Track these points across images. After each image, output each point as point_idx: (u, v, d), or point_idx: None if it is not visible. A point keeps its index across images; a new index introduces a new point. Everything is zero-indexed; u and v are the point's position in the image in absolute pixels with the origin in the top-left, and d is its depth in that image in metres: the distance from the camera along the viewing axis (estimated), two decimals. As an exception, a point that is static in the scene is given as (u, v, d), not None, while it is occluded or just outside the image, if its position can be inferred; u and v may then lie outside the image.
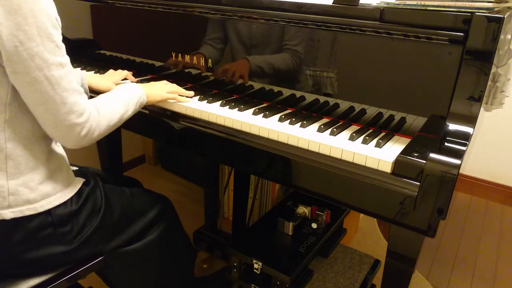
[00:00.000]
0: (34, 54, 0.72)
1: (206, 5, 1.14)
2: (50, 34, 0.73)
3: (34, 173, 0.84)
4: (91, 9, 1.42)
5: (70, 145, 0.84)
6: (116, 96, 0.95)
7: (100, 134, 0.86)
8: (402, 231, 0.83)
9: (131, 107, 0.96)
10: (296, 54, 1.02)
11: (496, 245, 2.01)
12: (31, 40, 0.71)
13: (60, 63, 0.76)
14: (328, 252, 1.53)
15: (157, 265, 1.09)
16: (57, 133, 0.81)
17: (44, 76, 0.74)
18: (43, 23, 0.72)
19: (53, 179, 0.88)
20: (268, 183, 1.70)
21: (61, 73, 0.76)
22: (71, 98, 0.78)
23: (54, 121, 0.78)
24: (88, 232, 0.94)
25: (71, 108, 0.78)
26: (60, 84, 0.76)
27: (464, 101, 0.82)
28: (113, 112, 0.90)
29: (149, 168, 2.58)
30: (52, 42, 0.74)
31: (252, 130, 0.97)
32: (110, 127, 0.89)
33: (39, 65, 0.73)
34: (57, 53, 0.75)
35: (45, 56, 0.73)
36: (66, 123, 0.79)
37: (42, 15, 0.72)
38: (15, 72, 0.73)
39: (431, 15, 0.83)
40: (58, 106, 0.77)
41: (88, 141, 0.84)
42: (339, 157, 0.85)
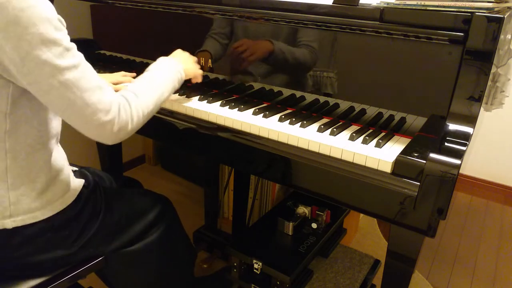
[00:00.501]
0: (43, 62, 0.69)
1: (206, 5, 1.14)
2: (55, 38, 0.70)
3: (35, 182, 0.83)
4: (91, 9, 1.42)
5: (109, 143, 0.81)
6: (152, 79, 0.91)
7: (135, 127, 0.83)
8: (402, 231, 0.83)
9: (169, 87, 0.93)
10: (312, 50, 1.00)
11: (496, 245, 2.01)
12: (37, 48, 0.68)
13: (73, 65, 0.72)
14: (328, 252, 1.53)
15: (157, 265, 1.09)
16: (91, 134, 0.78)
17: (58, 82, 0.71)
18: (46, 29, 0.69)
19: (54, 186, 0.87)
20: (268, 183, 1.70)
21: (76, 74, 0.73)
22: (93, 97, 0.75)
23: (83, 123, 0.76)
24: (88, 235, 0.94)
25: (96, 107, 0.75)
26: (79, 86, 0.73)
27: (464, 101, 0.82)
28: (148, 99, 0.86)
29: (149, 168, 2.58)
30: (59, 46, 0.71)
31: (252, 130, 0.97)
32: (145, 116, 0.86)
33: (50, 72, 0.70)
34: (67, 55, 0.72)
35: (55, 62, 0.70)
36: (95, 123, 0.76)
37: (43, 21, 0.68)
38: (29, 84, 0.71)
39: (431, 15, 0.83)
40: (82, 108, 0.74)
41: (124, 135, 0.82)
42: (339, 157, 0.85)
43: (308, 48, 1.00)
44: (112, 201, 1.00)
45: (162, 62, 0.98)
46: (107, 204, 0.98)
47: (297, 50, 1.03)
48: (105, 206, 0.97)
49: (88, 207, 0.94)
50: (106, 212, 0.97)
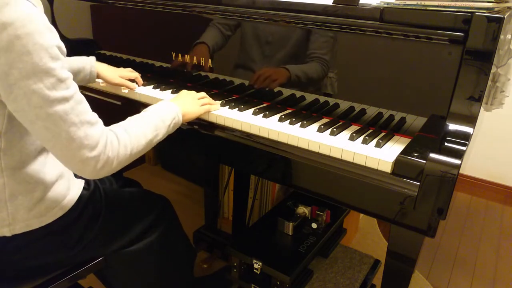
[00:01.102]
0: (32, 92, 0.65)
1: (206, 5, 1.14)
2: (49, 69, 0.66)
3: (33, 192, 0.83)
4: (91, 9, 1.42)
5: (89, 177, 0.77)
6: (145, 119, 0.87)
7: (119, 164, 0.79)
8: (402, 231, 0.83)
9: (162, 129, 0.88)
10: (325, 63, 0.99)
11: (496, 245, 2.01)
12: (27, 78, 0.65)
13: (63, 97, 0.69)
14: (328, 252, 1.53)
15: (157, 265, 1.09)
16: (72, 167, 0.76)
17: (45, 113, 0.67)
18: (40, 58, 0.65)
19: (52, 193, 0.85)
20: (268, 183, 1.70)
21: (66, 107, 0.69)
22: (80, 132, 0.71)
23: (65, 157, 0.73)
24: (88, 238, 0.93)
25: (81, 142, 0.71)
26: (66, 120, 0.69)
27: (464, 101, 0.82)
28: (139, 137, 0.83)
29: (149, 168, 2.58)
30: (52, 76, 0.67)
31: (252, 130, 0.97)
32: (133, 155, 0.82)
33: (38, 103, 0.66)
34: (59, 87, 0.68)
35: (45, 93, 0.66)
36: (78, 158, 0.72)
37: (38, 50, 0.64)
38: (16, 111, 0.69)
39: (431, 15, 0.83)
40: (66, 142, 0.70)
41: (106, 172, 0.78)
42: (339, 157, 0.85)
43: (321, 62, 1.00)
44: (112, 202, 1.00)
45: (161, 105, 0.93)
46: (107, 205, 0.98)
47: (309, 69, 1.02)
48: (105, 208, 0.97)
49: (88, 210, 0.94)
50: (106, 213, 0.97)
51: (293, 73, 1.05)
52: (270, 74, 1.08)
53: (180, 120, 0.95)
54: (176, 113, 0.93)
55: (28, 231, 0.84)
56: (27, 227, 0.83)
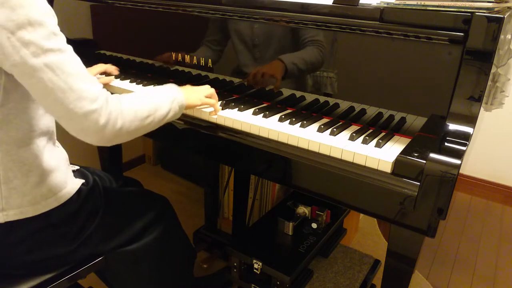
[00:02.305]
0: (27, 41, 0.68)
1: (206, 5, 1.14)
2: (42, 21, 0.69)
3: (28, 176, 0.83)
4: (91, 9, 1.42)
5: (95, 140, 0.76)
6: (144, 91, 0.90)
7: (126, 126, 0.78)
8: (402, 231, 0.83)
9: (164, 104, 0.89)
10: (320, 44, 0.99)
11: (496, 245, 2.01)
12: (22, 28, 0.67)
13: (59, 48, 0.71)
14: (328, 252, 1.53)
15: (156, 265, 1.09)
16: (74, 125, 0.74)
17: (42, 62, 0.69)
18: (33, 11, 0.68)
19: (49, 181, 0.86)
20: (268, 183, 1.70)
21: (62, 58, 0.71)
22: (79, 83, 0.72)
23: (66, 112, 0.72)
24: (87, 233, 0.94)
25: (81, 94, 0.71)
26: (63, 70, 0.70)
27: (464, 101, 0.82)
28: (139, 103, 0.83)
29: (149, 168, 2.58)
30: (46, 28, 0.69)
31: (252, 130, 0.97)
32: (139, 120, 0.81)
33: (34, 52, 0.68)
34: (53, 39, 0.70)
35: (40, 43, 0.69)
36: (79, 111, 0.72)
37: (31, 4, 0.68)
38: (13, 65, 0.70)
39: (431, 15, 0.83)
40: (65, 93, 0.70)
41: (112, 134, 0.76)
42: (339, 157, 0.85)
43: (316, 44, 0.99)
44: (111, 200, 1.00)
45: (163, 85, 0.96)
46: (106, 203, 0.98)
47: (305, 53, 1.02)
48: (104, 205, 0.98)
49: (87, 206, 0.94)
50: (105, 210, 0.97)
51: (288, 63, 1.04)
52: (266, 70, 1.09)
53: (183, 100, 0.95)
54: (176, 92, 0.94)
55: (27, 221, 0.84)
56: (21, 214, 0.83)
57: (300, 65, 1.03)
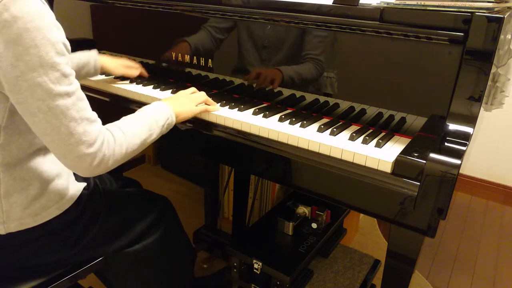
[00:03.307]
0: (36, 85, 0.67)
1: (206, 5, 1.14)
2: (54, 63, 0.68)
3: (28, 190, 0.83)
4: (91, 9, 1.42)
5: (84, 174, 0.78)
6: (139, 119, 0.88)
7: (115, 163, 0.80)
8: (402, 231, 0.83)
9: (156, 130, 0.90)
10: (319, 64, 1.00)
11: (496, 245, 2.01)
12: (33, 70, 0.67)
13: (66, 92, 0.71)
14: (328, 252, 1.53)
15: (157, 265, 1.09)
16: (67, 162, 0.76)
17: (47, 106, 0.69)
18: (47, 52, 0.67)
19: (49, 191, 0.85)
20: (268, 183, 1.70)
21: (67, 102, 0.71)
22: (80, 128, 0.72)
23: (62, 151, 0.73)
24: (88, 238, 0.93)
25: (80, 138, 0.72)
26: (67, 114, 0.71)
27: (464, 101, 0.82)
28: (133, 137, 0.84)
29: (149, 168, 2.58)
30: (57, 71, 0.69)
31: (252, 130, 0.97)
32: (128, 154, 0.83)
33: (41, 96, 0.68)
34: (63, 82, 0.70)
35: (49, 87, 0.68)
36: (75, 153, 0.73)
37: (46, 44, 0.67)
38: (18, 103, 0.70)
39: (431, 15, 0.83)
40: (64, 137, 0.71)
41: (102, 170, 0.78)
42: (339, 157, 0.85)
43: (315, 63, 1.00)
44: (112, 202, 1.00)
45: (155, 106, 0.94)
46: (107, 206, 0.98)
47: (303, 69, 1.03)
48: (105, 208, 0.97)
49: (88, 210, 0.94)
50: (106, 214, 0.97)
51: (286, 75, 1.05)
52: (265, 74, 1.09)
53: (173, 121, 0.95)
54: (169, 114, 0.94)
55: (28, 230, 0.84)
56: (22, 225, 0.83)
57: (296, 79, 1.05)
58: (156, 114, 0.91)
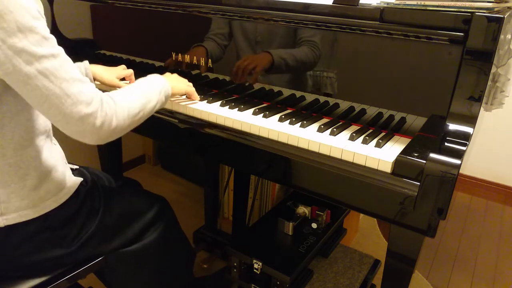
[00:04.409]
0: (20, 50, 0.67)
1: (206, 5, 1.14)
2: (32, 26, 0.68)
3: (25, 180, 0.82)
4: (91, 9, 1.42)
5: (91, 140, 0.77)
6: (135, 85, 0.90)
7: (120, 125, 0.79)
8: (402, 231, 0.83)
9: (154, 96, 0.90)
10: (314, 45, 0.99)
11: (496, 245, 2.01)
12: (13, 36, 0.66)
13: (51, 54, 0.70)
14: (328, 252, 1.53)
15: (156, 265, 1.09)
16: (71, 129, 0.74)
17: (36, 70, 0.68)
18: (23, 16, 0.66)
19: (46, 183, 0.85)
20: (268, 183, 1.70)
21: (55, 63, 0.70)
22: (74, 88, 0.72)
23: (63, 116, 0.72)
24: (86, 234, 0.93)
25: (77, 98, 0.72)
26: (57, 76, 0.70)
27: (464, 101, 0.82)
28: (132, 99, 0.84)
29: (149, 168, 2.58)
30: (36, 33, 0.68)
31: (252, 130, 0.97)
32: (132, 117, 0.83)
33: (27, 60, 0.68)
34: (45, 44, 0.70)
35: (32, 50, 0.68)
36: (76, 115, 0.72)
37: (20, 9, 0.66)
38: (6, 74, 0.69)
39: (431, 15, 0.83)
40: (61, 99, 0.71)
41: (108, 133, 0.78)
42: (339, 157, 0.85)
43: (310, 45, 1.00)
44: (110, 200, 1.00)
45: (149, 76, 0.96)
46: (105, 203, 0.98)
47: (297, 51, 1.02)
48: (104, 205, 0.97)
49: (86, 206, 0.94)
50: (104, 211, 0.97)
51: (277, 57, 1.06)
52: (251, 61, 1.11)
53: (169, 90, 0.98)
54: (164, 81, 0.96)
55: (27, 223, 0.84)
56: (21, 217, 0.83)
57: (290, 61, 1.04)
58: (150, 82, 0.94)
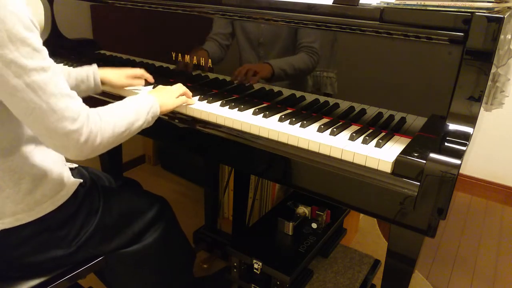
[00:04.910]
0: (9, 61, 0.65)
1: (206, 5, 1.14)
2: (23, 37, 0.66)
3: (20, 184, 0.82)
4: (91, 9, 1.42)
5: (73, 156, 0.76)
6: (123, 103, 0.88)
7: (104, 142, 0.78)
8: (402, 231, 0.83)
9: (141, 115, 0.89)
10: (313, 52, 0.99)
11: (496, 245, 2.01)
12: (3, 46, 0.64)
13: (41, 67, 0.69)
14: (328, 252, 1.53)
15: (156, 266, 1.09)
16: (54, 143, 0.74)
17: (24, 83, 0.67)
18: (14, 26, 0.65)
19: (42, 186, 0.85)
20: (268, 183, 1.70)
21: (44, 77, 0.69)
22: (61, 103, 0.71)
23: (47, 131, 0.71)
24: (86, 235, 0.93)
25: (62, 114, 0.71)
26: (45, 90, 0.69)
27: (464, 101, 0.82)
28: (118, 117, 0.82)
29: (149, 168, 2.58)
30: (28, 46, 0.67)
31: (252, 130, 0.97)
32: (116, 135, 0.81)
33: (16, 72, 0.66)
34: (36, 57, 0.68)
35: (22, 62, 0.66)
36: (60, 131, 0.71)
37: (12, 19, 0.65)
38: None
39: (431, 15, 0.83)
40: (47, 114, 0.69)
41: (90, 150, 0.76)
42: (339, 157, 0.85)
43: (309, 52, 1.00)
44: (109, 200, 1.00)
45: (138, 95, 0.95)
46: (104, 203, 0.98)
47: (296, 60, 1.03)
48: (103, 205, 0.97)
49: (85, 206, 0.94)
50: (103, 211, 0.97)
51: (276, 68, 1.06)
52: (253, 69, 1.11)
53: (157, 110, 0.95)
54: (153, 102, 0.94)
55: (24, 226, 0.84)
56: (17, 221, 0.83)
57: (289, 71, 1.05)
58: (139, 101, 0.91)
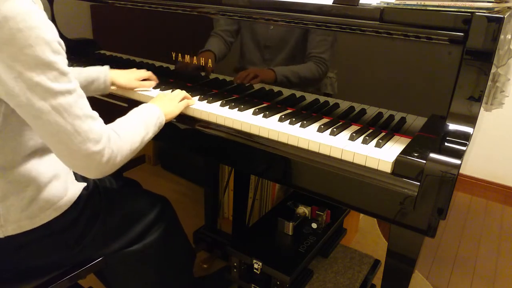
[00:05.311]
0: (35, 85, 0.66)
1: (206, 5, 1.14)
2: (51, 62, 0.67)
3: (24, 192, 0.82)
4: (91, 9, 1.42)
5: (92, 175, 0.77)
6: (135, 119, 0.90)
7: (122, 160, 0.80)
8: (402, 231, 0.83)
9: (151, 128, 0.91)
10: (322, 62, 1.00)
11: (496, 245, 2.01)
12: (30, 70, 0.66)
13: (67, 90, 0.70)
14: (328, 252, 1.53)
15: (156, 265, 1.09)
16: (75, 163, 0.75)
17: (50, 106, 0.68)
18: (42, 51, 0.66)
19: (46, 193, 0.85)
20: (268, 183, 1.70)
21: (69, 100, 0.70)
22: (85, 125, 0.72)
23: (70, 152, 0.72)
24: (88, 239, 0.93)
25: (86, 136, 0.72)
26: (70, 112, 0.70)
27: (464, 101, 0.82)
28: (134, 135, 0.85)
29: (149, 168, 2.58)
30: (55, 70, 0.68)
31: (252, 130, 0.97)
32: (132, 151, 0.83)
33: (42, 95, 0.67)
34: (61, 80, 0.69)
35: (48, 85, 0.67)
36: (83, 152, 0.72)
37: (40, 43, 0.66)
38: (19, 106, 0.69)
39: (431, 15, 0.83)
40: (71, 136, 0.71)
41: (111, 169, 0.78)
42: (339, 157, 0.85)
43: (318, 62, 1.00)
44: (111, 202, 1.00)
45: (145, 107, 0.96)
46: (106, 206, 0.98)
47: (303, 68, 1.03)
48: (105, 208, 0.97)
49: (87, 211, 0.94)
50: (105, 214, 0.97)
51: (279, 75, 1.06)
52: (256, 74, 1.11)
53: (163, 120, 0.97)
54: (159, 113, 0.96)
55: (26, 233, 0.84)
56: (20, 228, 0.83)
57: (293, 79, 1.05)
58: (148, 114, 0.93)
